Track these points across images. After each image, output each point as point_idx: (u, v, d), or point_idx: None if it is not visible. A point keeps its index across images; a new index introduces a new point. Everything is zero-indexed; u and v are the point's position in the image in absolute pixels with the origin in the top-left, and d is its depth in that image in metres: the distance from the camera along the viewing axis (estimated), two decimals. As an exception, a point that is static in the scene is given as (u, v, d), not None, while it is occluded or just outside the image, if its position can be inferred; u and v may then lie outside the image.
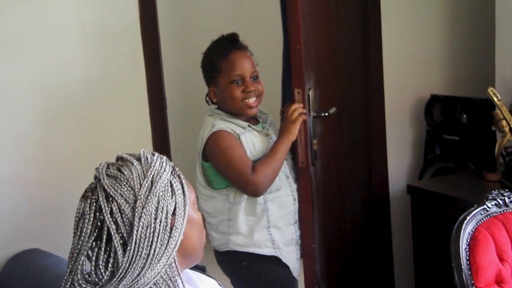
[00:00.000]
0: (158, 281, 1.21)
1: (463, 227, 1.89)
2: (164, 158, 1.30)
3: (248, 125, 2.27)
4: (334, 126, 2.70)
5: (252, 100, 2.23)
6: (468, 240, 1.88)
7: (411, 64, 3.16)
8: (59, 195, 2.44)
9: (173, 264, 1.24)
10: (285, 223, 2.32)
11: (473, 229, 1.90)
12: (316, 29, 2.53)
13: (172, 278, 1.23)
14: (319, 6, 2.56)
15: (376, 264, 3.05)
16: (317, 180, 2.52)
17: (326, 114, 2.44)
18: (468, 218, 1.91)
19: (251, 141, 2.25)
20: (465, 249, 1.86)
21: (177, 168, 1.31)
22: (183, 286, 1.26)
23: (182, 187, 1.28)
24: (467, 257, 1.85)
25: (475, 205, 1.95)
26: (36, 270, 2.23)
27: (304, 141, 2.33)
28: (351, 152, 2.90)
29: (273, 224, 2.28)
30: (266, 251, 2.28)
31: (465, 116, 3.03)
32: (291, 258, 2.35)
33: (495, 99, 2.56)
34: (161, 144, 2.69)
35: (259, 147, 2.25)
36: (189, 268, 1.40)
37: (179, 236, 1.23)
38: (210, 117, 2.28)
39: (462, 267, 1.84)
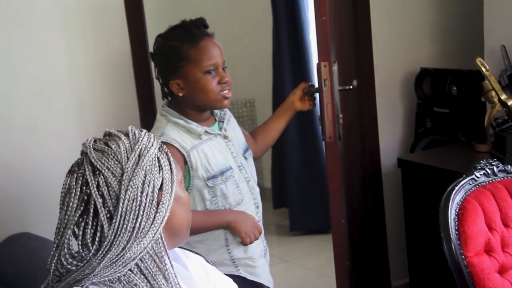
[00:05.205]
0: (144, 257, 1.21)
1: (452, 197, 1.88)
2: (152, 134, 1.29)
3: (206, 131, 2.00)
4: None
5: (227, 91, 2.01)
6: (457, 210, 1.87)
7: (399, 38, 3.14)
8: (48, 178, 2.43)
9: (160, 241, 1.24)
10: None
11: (462, 199, 1.89)
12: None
13: (158, 254, 1.23)
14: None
15: (369, 237, 3.06)
16: (341, 155, 2.46)
17: (350, 87, 2.35)
18: (456, 188, 1.90)
19: (210, 151, 1.99)
20: (454, 219, 1.86)
21: (164, 146, 1.31)
22: (170, 262, 1.26)
23: (170, 164, 1.27)
24: (456, 227, 1.85)
25: (464, 175, 1.95)
26: (27, 253, 2.23)
27: (332, 115, 2.23)
28: (350, 127, 2.89)
29: (233, 242, 2.03)
30: (224, 269, 1.93)
31: (455, 88, 3.02)
32: (264, 272, 2.12)
33: (483, 69, 2.54)
34: (149, 123, 2.66)
35: (218, 156, 2.00)
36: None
37: (166, 212, 1.23)
38: (162, 118, 2.02)
39: (451, 237, 1.83)
